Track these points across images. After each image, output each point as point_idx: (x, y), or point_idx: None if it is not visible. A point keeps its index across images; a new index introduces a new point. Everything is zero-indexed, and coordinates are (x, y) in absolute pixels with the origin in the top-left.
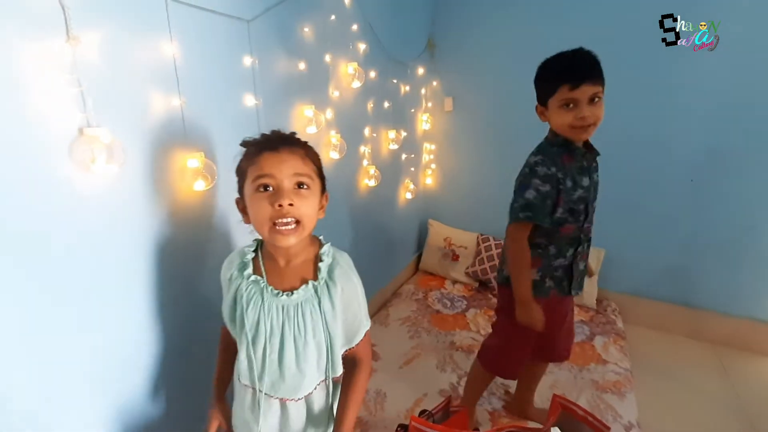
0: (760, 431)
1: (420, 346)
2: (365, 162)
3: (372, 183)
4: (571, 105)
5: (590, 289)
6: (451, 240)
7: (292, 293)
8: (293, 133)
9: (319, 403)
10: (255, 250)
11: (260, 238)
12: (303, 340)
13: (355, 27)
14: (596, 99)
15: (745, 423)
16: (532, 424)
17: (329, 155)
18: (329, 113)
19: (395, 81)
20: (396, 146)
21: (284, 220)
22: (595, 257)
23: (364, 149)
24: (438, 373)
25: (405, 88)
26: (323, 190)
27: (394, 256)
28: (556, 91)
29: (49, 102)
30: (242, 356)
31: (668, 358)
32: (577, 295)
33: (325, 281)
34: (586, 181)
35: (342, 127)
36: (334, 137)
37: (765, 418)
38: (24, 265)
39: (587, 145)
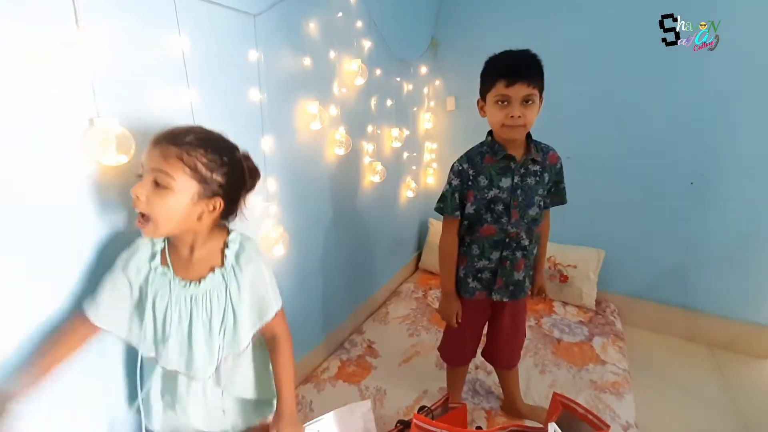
0: None
1: (419, 345)
2: (368, 159)
3: (377, 179)
4: (505, 102)
5: (589, 291)
6: None
7: (200, 283)
8: (183, 131)
9: (231, 378)
10: (164, 240)
11: None
12: (209, 324)
13: (359, 24)
14: (529, 101)
15: (740, 425)
16: (529, 423)
17: (334, 151)
18: (333, 110)
19: (398, 79)
20: (399, 144)
21: (136, 211)
22: (595, 258)
23: (366, 146)
24: (437, 371)
25: (408, 87)
26: (209, 194)
27: (394, 254)
28: (493, 87)
29: (59, 92)
30: (156, 342)
31: (666, 359)
32: (509, 300)
33: (232, 266)
34: (506, 183)
35: (345, 124)
36: (339, 134)
37: (760, 420)
38: (30, 250)
39: (528, 148)
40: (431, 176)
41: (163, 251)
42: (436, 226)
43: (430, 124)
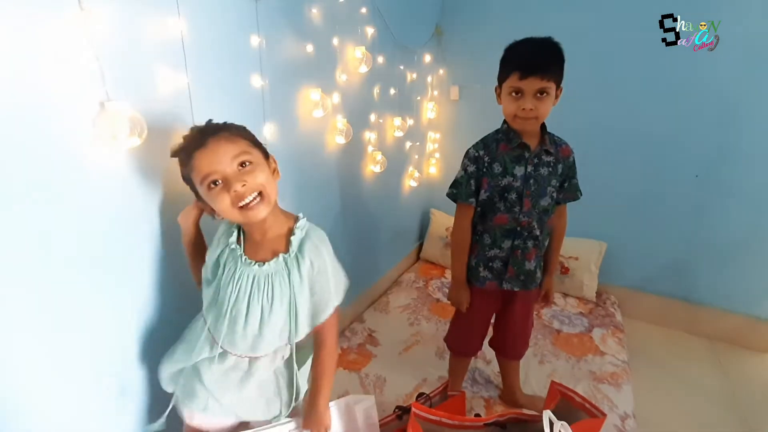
0: (753, 426)
1: (420, 334)
2: (370, 148)
3: (378, 169)
4: (518, 94)
5: (590, 283)
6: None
7: (263, 264)
8: (209, 121)
9: (272, 369)
10: (238, 225)
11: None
12: (270, 308)
13: (363, 10)
14: (543, 93)
15: (738, 418)
16: (527, 412)
17: (335, 140)
18: (336, 97)
19: (402, 67)
20: (401, 133)
21: (247, 200)
22: (596, 250)
23: (369, 135)
24: (437, 360)
25: (411, 76)
26: (267, 155)
27: (395, 244)
28: (508, 78)
29: (67, 75)
30: (210, 311)
31: (666, 352)
32: (520, 290)
33: (296, 254)
34: (519, 171)
35: (348, 112)
36: (341, 122)
37: (758, 413)
38: (44, 236)
39: (543, 138)
40: (434, 166)
41: (238, 234)
42: (438, 216)
43: (433, 114)
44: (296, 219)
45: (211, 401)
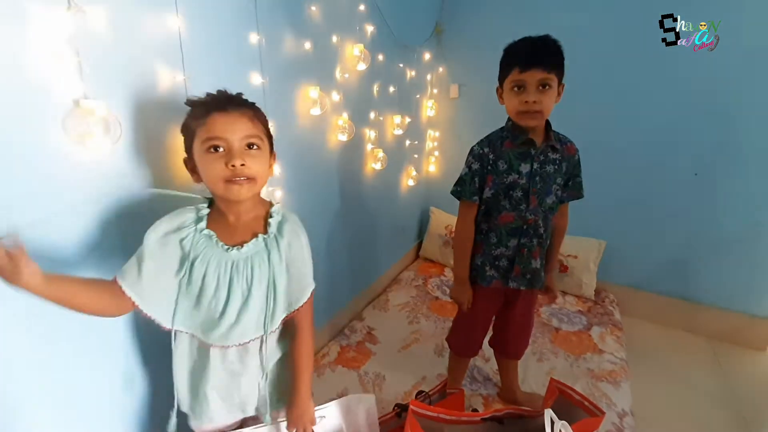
0: (750, 424)
1: (419, 332)
2: (370, 146)
3: (378, 166)
4: (521, 88)
5: (589, 281)
6: (452, 228)
7: (242, 247)
8: (240, 94)
9: (257, 358)
10: (208, 207)
11: (210, 197)
12: (248, 292)
13: (362, 8)
14: (546, 86)
15: (735, 415)
16: (525, 408)
17: (337, 137)
18: (336, 95)
19: (401, 65)
20: (401, 131)
21: (238, 179)
22: (596, 249)
23: (369, 133)
24: (436, 358)
25: (411, 74)
26: (271, 148)
27: (394, 242)
28: (510, 73)
29: (46, 72)
30: (186, 308)
31: (664, 350)
32: (526, 289)
33: (275, 235)
34: (525, 168)
35: (347, 110)
36: (342, 119)
37: (756, 410)
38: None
39: (548, 135)
40: (433, 164)
41: (208, 217)
42: (437, 214)
43: (432, 112)
44: (271, 204)
45: (214, 408)
